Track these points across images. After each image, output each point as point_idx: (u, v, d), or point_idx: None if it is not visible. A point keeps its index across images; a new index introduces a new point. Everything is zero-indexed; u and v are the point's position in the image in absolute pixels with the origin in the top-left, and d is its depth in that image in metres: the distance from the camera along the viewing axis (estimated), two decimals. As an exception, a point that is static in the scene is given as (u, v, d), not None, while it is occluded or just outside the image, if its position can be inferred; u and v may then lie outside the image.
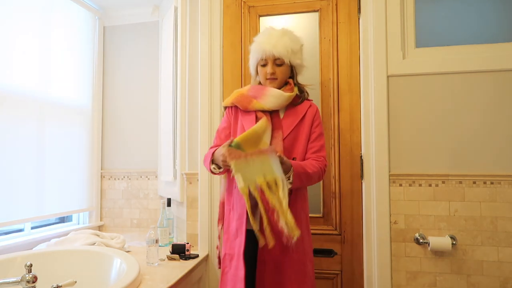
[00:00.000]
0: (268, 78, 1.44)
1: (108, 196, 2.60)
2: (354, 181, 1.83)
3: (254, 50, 1.47)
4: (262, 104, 1.41)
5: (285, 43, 1.40)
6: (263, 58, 1.43)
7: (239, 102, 1.46)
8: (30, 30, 2.06)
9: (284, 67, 1.44)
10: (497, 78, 1.69)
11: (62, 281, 1.29)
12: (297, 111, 1.45)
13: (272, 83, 1.44)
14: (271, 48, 1.40)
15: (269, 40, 1.42)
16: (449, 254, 1.69)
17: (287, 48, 1.40)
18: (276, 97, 1.41)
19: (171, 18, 2.24)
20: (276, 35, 1.43)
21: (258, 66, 1.48)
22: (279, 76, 1.44)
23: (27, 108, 2.03)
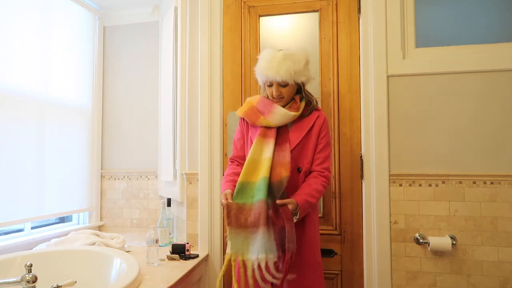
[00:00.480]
0: (275, 97, 1.49)
1: (108, 196, 2.60)
2: (354, 181, 1.83)
3: (258, 73, 1.52)
4: (269, 121, 1.48)
5: (287, 67, 1.43)
6: (268, 81, 1.49)
7: (248, 116, 1.54)
8: (30, 30, 2.07)
9: (289, 87, 1.48)
10: (497, 78, 1.69)
11: (62, 281, 1.29)
12: (304, 123, 1.51)
13: (279, 102, 1.50)
14: (274, 74, 1.44)
15: (271, 65, 1.45)
16: (449, 254, 1.69)
17: (290, 71, 1.43)
18: (282, 116, 1.47)
19: (171, 18, 2.24)
20: (277, 60, 1.45)
21: (264, 85, 1.53)
22: (285, 95, 1.49)
23: (27, 108, 2.03)
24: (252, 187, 1.39)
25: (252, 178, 1.40)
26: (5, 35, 1.91)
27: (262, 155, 1.44)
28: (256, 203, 1.34)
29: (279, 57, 1.45)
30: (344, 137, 1.85)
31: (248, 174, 1.41)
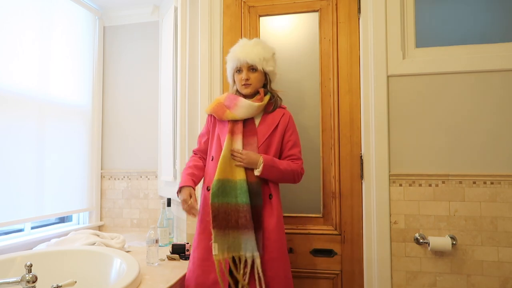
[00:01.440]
0: (243, 84, 1.54)
1: (108, 196, 2.60)
2: (354, 181, 1.83)
3: (230, 59, 1.59)
4: (235, 114, 1.52)
5: (257, 51, 1.53)
6: (238, 66, 1.55)
7: (215, 112, 1.58)
8: (30, 30, 2.07)
9: (257, 73, 1.55)
10: (497, 78, 1.69)
11: (62, 281, 1.29)
12: (270, 120, 1.56)
13: (246, 89, 1.55)
14: (244, 56, 1.52)
15: (243, 49, 1.55)
16: (449, 254, 1.69)
17: (260, 56, 1.53)
18: (246, 108, 1.52)
19: (171, 18, 2.24)
20: (249, 45, 1.56)
21: (235, 73, 1.58)
22: (253, 82, 1.54)
23: (27, 108, 2.03)
24: (234, 186, 1.45)
25: (231, 176, 1.46)
26: (5, 35, 1.91)
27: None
28: (242, 206, 1.42)
29: (251, 43, 1.57)
30: (344, 137, 1.85)
31: (225, 171, 1.46)
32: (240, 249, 1.42)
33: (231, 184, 1.45)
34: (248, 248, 1.41)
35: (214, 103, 1.62)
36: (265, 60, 1.54)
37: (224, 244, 1.42)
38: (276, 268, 1.44)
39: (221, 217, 1.42)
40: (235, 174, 1.46)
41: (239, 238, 1.42)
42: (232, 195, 1.44)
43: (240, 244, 1.41)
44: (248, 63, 1.52)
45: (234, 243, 1.42)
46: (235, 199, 1.43)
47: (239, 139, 1.50)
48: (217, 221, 1.42)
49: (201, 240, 1.49)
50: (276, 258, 1.44)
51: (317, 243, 1.85)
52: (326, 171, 1.87)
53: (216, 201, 1.44)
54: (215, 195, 1.44)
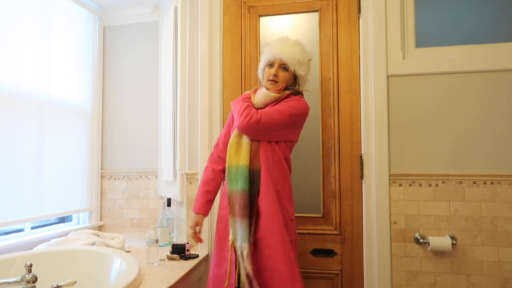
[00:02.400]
0: (270, 80, 1.50)
1: (108, 196, 2.60)
2: (354, 181, 1.83)
3: (265, 52, 1.55)
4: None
5: (293, 52, 1.49)
6: (271, 60, 1.51)
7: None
8: (30, 30, 2.07)
9: (287, 74, 1.51)
10: (497, 78, 1.69)
11: (62, 281, 1.29)
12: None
13: (272, 85, 1.50)
14: (279, 52, 1.49)
15: (280, 45, 1.51)
16: (449, 254, 1.69)
17: (295, 56, 1.49)
18: (262, 95, 1.50)
19: (171, 18, 2.24)
20: (288, 43, 1.52)
21: (266, 66, 1.54)
22: (280, 79, 1.50)
23: (27, 108, 2.03)
24: (236, 172, 1.44)
25: (235, 161, 1.45)
26: (5, 35, 1.91)
27: (242, 138, 1.48)
28: (240, 192, 1.41)
29: (291, 42, 1.53)
30: (344, 137, 1.85)
31: (231, 157, 1.47)
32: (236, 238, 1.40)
33: (234, 169, 1.45)
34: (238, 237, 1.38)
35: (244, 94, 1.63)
36: (299, 63, 1.50)
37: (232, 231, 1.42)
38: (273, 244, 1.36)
39: (231, 204, 1.43)
40: (239, 159, 1.45)
41: (235, 226, 1.40)
42: (234, 181, 1.44)
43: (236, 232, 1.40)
44: (281, 60, 1.49)
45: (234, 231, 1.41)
46: (236, 185, 1.43)
47: None
48: (229, 207, 1.43)
49: (217, 229, 1.52)
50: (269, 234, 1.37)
51: (317, 243, 1.85)
52: (326, 171, 1.87)
53: (228, 188, 1.45)
54: (228, 182, 1.46)
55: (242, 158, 1.44)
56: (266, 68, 1.54)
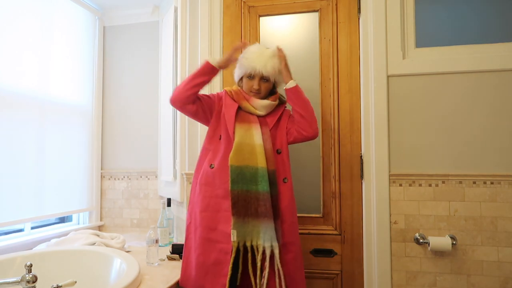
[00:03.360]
0: (253, 92, 1.55)
1: (108, 196, 2.60)
2: (354, 181, 1.83)
3: (243, 65, 1.55)
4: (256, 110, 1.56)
5: (274, 64, 1.52)
6: (251, 74, 1.54)
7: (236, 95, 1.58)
8: (31, 30, 2.07)
9: (268, 83, 1.56)
10: (497, 78, 1.69)
11: (62, 281, 1.29)
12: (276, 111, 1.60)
13: (255, 96, 1.56)
14: (261, 67, 1.51)
15: (260, 59, 1.52)
16: (449, 254, 1.69)
17: (275, 68, 1.52)
18: (266, 107, 1.56)
19: (171, 18, 2.24)
20: (267, 55, 1.53)
21: (244, 77, 1.57)
22: (263, 91, 1.56)
23: (27, 108, 2.03)
24: (254, 173, 1.44)
25: (251, 163, 1.45)
26: (5, 35, 1.91)
27: (254, 140, 1.48)
28: (263, 193, 1.41)
29: (268, 53, 1.53)
30: (344, 137, 1.85)
31: (243, 158, 1.45)
32: (259, 238, 1.40)
33: (251, 171, 1.44)
34: (266, 238, 1.39)
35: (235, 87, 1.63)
36: (278, 73, 1.54)
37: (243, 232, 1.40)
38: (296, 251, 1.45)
39: (241, 205, 1.41)
40: (257, 162, 1.45)
41: (259, 227, 1.40)
42: (253, 182, 1.43)
43: (259, 233, 1.40)
44: (263, 75, 1.52)
45: (253, 232, 1.41)
46: (255, 187, 1.42)
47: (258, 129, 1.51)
48: (237, 208, 1.41)
49: (204, 218, 1.47)
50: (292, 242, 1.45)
51: (317, 243, 1.85)
52: (326, 171, 1.87)
53: (235, 188, 1.42)
54: (235, 181, 1.43)
55: (260, 161, 1.44)
56: (245, 79, 1.57)
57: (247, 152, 1.46)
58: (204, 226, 1.46)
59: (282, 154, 1.53)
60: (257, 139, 1.49)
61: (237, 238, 1.39)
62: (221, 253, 1.41)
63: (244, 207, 1.41)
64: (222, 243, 1.42)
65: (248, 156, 1.45)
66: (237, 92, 1.59)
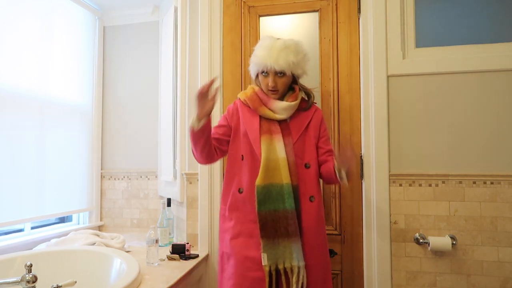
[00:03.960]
0: (270, 90, 1.44)
1: (108, 196, 2.60)
2: (354, 181, 1.83)
3: (255, 63, 1.45)
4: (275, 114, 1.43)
5: (286, 57, 1.39)
6: (264, 70, 1.43)
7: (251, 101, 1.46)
8: (30, 30, 2.06)
9: (285, 78, 1.43)
10: (497, 78, 1.69)
11: (62, 281, 1.29)
12: (303, 117, 1.47)
13: (273, 94, 1.45)
14: (272, 62, 1.38)
15: (270, 53, 1.40)
16: (449, 254, 1.69)
17: (289, 61, 1.39)
18: (284, 109, 1.43)
19: (171, 18, 2.24)
20: (278, 48, 1.40)
21: (259, 74, 1.47)
22: (281, 87, 1.44)
23: (27, 108, 2.03)
24: (280, 191, 1.34)
25: (276, 180, 1.35)
26: (5, 35, 1.91)
27: (277, 153, 1.38)
28: (291, 211, 1.33)
29: (278, 46, 1.40)
30: (344, 137, 1.85)
31: (269, 176, 1.35)
32: (292, 259, 1.31)
33: (277, 188, 1.34)
34: (299, 258, 1.31)
35: (249, 90, 1.50)
36: (294, 65, 1.41)
37: (274, 254, 1.32)
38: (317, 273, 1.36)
39: (270, 226, 1.32)
40: (281, 178, 1.35)
41: (290, 247, 1.32)
42: (280, 201, 1.33)
43: (292, 254, 1.31)
44: (276, 70, 1.40)
45: (285, 253, 1.32)
46: (282, 205, 1.33)
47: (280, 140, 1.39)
48: (265, 229, 1.32)
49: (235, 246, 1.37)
50: (314, 265, 1.36)
51: (317, 243, 1.85)
52: (326, 171, 1.87)
53: (263, 209, 1.33)
54: (262, 202, 1.33)
55: (284, 176, 1.35)
56: (260, 76, 1.46)
57: (272, 168, 1.36)
58: (237, 253, 1.36)
59: (311, 170, 1.41)
60: (280, 151, 1.37)
61: (268, 262, 1.31)
62: (254, 282, 1.31)
63: (273, 228, 1.32)
64: (254, 271, 1.32)
65: (273, 173, 1.35)
66: (251, 98, 1.47)
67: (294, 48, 1.42)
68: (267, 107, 1.44)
